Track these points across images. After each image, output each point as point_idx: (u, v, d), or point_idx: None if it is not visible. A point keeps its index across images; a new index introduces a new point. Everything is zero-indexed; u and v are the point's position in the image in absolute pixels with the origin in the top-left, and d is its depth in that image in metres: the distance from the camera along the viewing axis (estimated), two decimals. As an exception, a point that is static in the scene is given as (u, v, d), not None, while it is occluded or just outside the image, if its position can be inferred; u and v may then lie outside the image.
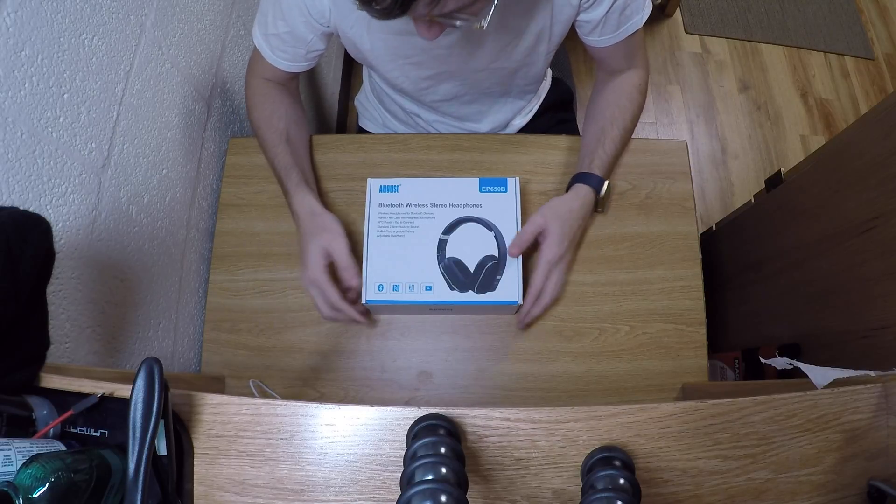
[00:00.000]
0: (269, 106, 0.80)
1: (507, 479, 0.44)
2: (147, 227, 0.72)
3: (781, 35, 1.96)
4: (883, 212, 0.75)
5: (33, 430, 0.41)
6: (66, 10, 0.54)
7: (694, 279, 0.81)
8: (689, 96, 1.88)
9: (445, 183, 0.73)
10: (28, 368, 0.43)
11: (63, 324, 0.57)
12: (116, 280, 0.66)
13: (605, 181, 0.77)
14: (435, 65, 0.77)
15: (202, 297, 0.85)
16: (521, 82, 0.86)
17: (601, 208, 0.80)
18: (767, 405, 0.45)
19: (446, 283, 0.69)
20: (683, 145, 0.87)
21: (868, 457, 0.45)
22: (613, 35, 0.74)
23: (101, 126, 0.62)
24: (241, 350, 0.79)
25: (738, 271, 1.17)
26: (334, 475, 0.44)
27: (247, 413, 0.45)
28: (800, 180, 0.96)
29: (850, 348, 0.82)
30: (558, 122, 1.04)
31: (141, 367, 0.37)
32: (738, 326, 1.16)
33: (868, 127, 0.79)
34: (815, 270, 0.91)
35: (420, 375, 0.78)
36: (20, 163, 0.50)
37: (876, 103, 0.90)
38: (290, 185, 0.75)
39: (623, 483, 0.38)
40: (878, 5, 2.05)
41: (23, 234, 0.39)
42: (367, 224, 0.71)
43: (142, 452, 0.36)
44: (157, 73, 0.72)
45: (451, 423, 0.43)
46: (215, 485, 0.45)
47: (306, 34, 0.74)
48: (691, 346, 0.78)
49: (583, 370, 0.78)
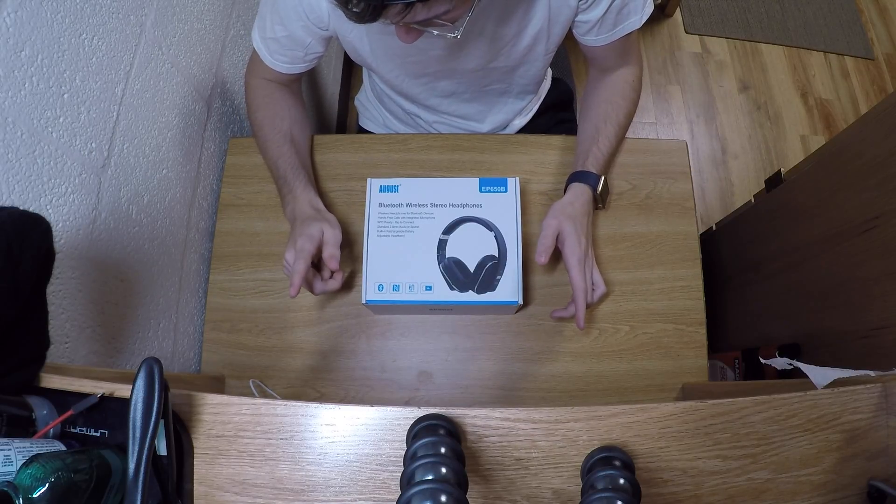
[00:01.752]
0: (273, 106, 0.80)
1: (507, 479, 0.44)
2: (147, 227, 0.71)
3: (781, 35, 1.96)
4: (883, 212, 0.75)
5: (33, 430, 0.41)
6: (66, 10, 0.54)
7: (694, 279, 0.81)
8: (689, 96, 1.88)
9: (445, 183, 0.73)
10: (28, 368, 0.43)
11: (63, 324, 0.57)
12: (116, 280, 0.66)
13: (601, 178, 0.77)
14: (432, 64, 0.77)
15: (202, 297, 0.85)
16: (520, 81, 0.86)
17: (601, 205, 0.80)
18: (767, 405, 0.45)
19: (446, 283, 0.69)
20: (683, 145, 0.87)
21: (868, 457, 0.45)
22: (609, 34, 0.74)
23: (101, 126, 0.62)
24: (241, 350, 0.79)
25: (738, 271, 1.17)
26: (334, 475, 0.44)
27: (247, 413, 0.45)
28: (800, 180, 0.96)
29: (850, 348, 0.82)
30: (558, 122, 1.04)
31: (141, 367, 0.37)
32: (738, 326, 1.16)
33: (868, 127, 0.79)
34: (815, 270, 0.91)
35: (420, 375, 0.78)
36: (20, 163, 0.50)
37: (876, 103, 0.90)
38: (296, 185, 0.75)
39: (623, 483, 0.38)
40: (878, 5, 2.05)
41: (23, 234, 0.39)
42: (367, 224, 0.71)
43: (142, 452, 0.36)
44: (157, 73, 0.72)
45: (451, 423, 0.43)
46: (215, 485, 0.45)
47: (305, 38, 0.74)
48: (691, 346, 0.78)
49: (583, 370, 0.78)
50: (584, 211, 0.75)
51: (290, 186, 0.75)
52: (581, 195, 0.75)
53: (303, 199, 0.74)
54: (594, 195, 0.77)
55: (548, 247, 0.71)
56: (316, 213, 0.73)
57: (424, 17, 0.52)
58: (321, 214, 0.73)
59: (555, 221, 0.72)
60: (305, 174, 0.77)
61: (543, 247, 0.71)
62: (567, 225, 0.72)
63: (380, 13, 0.49)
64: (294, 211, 0.74)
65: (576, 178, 0.77)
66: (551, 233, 0.72)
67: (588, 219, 0.75)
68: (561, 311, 0.76)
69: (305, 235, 0.68)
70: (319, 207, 0.74)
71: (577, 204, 0.74)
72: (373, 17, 0.49)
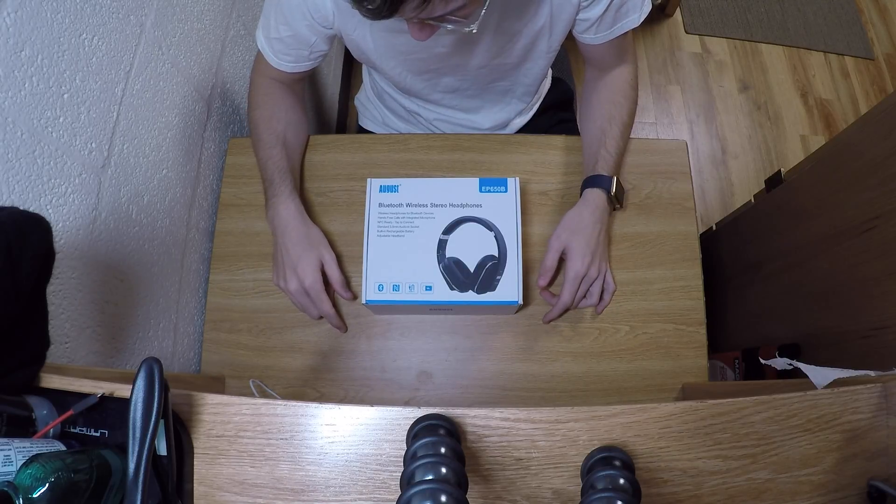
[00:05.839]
0: (271, 106, 0.80)
1: (507, 479, 0.44)
2: (147, 227, 0.71)
3: (781, 35, 1.96)
4: (883, 212, 0.75)
5: (33, 430, 0.41)
6: (66, 10, 0.54)
7: (694, 279, 0.81)
8: (689, 96, 1.87)
9: (445, 183, 0.73)
10: (28, 368, 0.43)
11: (63, 324, 0.57)
12: (116, 280, 0.66)
13: (613, 179, 0.77)
14: (436, 61, 0.77)
15: (202, 297, 0.85)
16: (524, 80, 0.86)
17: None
18: (767, 405, 0.45)
19: (446, 283, 0.69)
20: (683, 145, 0.87)
21: (868, 457, 0.45)
22: (608, 32, 0.75)
23: (101, 126, 0.61)
24: (241, 350, 0.79)
25: (738, 271, 1.17)
26: (334, 475, 0.44)
27: (247, 413, 0.45)
28: (800, 180, 0.96)
29: (850, 348, 0.82)
30: (558, 122, 1.04)
31: (141, 367, 0.37)
32: (738, 326, 1.16)
33: (868, 127, 0.79)
34: (814, 270, 0.91)
35: (420, 375, 0.78)
36: (20, 163, 0.50)
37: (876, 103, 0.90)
38: (282, 189, 0.76)
39: (623, 483, 0.38)
40: (878, 5, 2.05)
41: (23, 234, 0.39)
42: (367, 224, 0.71)
43: (142, 452, 0.36)
44: (157, 73, 0.72)
45: (451, 423, 0.43)
46: (215, 485, 0.45)
47: (309, 37, 0.74)
48: (691, 346, 0.78)
49: (583, 370, 0.78)
50: (594, 220, 0.75)
51: (275, 189, 0.76)
52: (592, 202, 0.76)
53: (289, 206, 0.75)
54: (608, 197, 0.77)
55: (549, 269, 0.75)
56: (304, 229, 0.75)
57: (441, 12, 0.51)
58: (312, 233, 0.76)
59: (558, 243, 0.75)
60: (292, 179, 0.78)
61: (545, 269, 0.75)
62: (572, 240, 0.74)
63: (397, 8, 0.48)
64: (279, 217, 0.75)
65: (588, 183, 0.77)
66: (553, 255, 0.75)
67: (600, 226, 0.76)
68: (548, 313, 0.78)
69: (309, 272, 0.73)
70: (305, 220, 0.76)
71: (586, 213, 0.75)
72: (390, 12, 0.48)
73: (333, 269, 0.75)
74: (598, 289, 0.76)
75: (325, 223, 0.82)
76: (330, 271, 0.75)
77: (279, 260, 0.75)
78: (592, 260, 0.74)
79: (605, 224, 0.77)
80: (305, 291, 0.73)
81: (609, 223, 0.79)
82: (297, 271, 0.73)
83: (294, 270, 0.73)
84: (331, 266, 0.75)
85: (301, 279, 0.73)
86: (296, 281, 0.73)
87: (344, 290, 0.76)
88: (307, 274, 0.73)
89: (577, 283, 0.74)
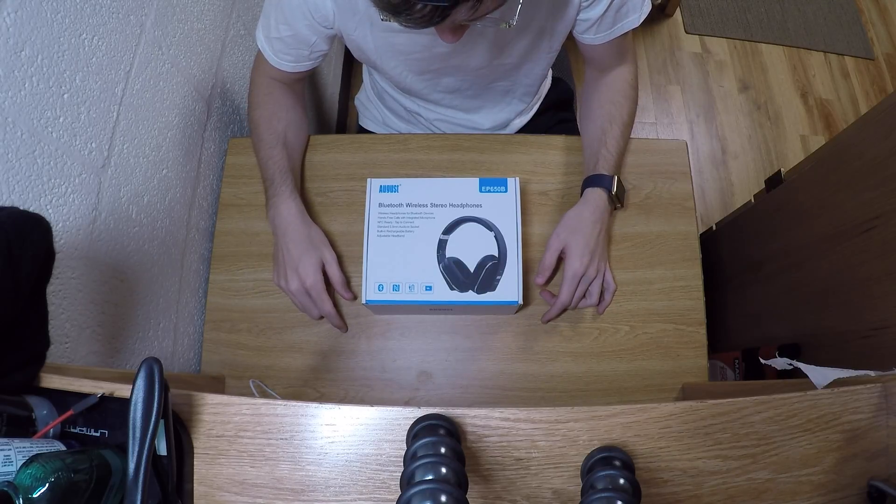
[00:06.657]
0: (272, 106, 0.80)
1: (507, 479, 0.44)
2: (147, 227, 0.72)
3: (781, 35, 1.96)
4: (883, 212, 0.75)
5: (33, 430, 0.41)
6: (66, 10, 0.54)
7: (694, 279, 0.81)
8: (689, 96, 1.87)
9: (445, 183, 0.73)
10: (28, 368, 0.43)
11: (63, 324, 0.57)
12: (116, 280, 0.66)
13: (614, 178, 0.77)
14: (436, 61, 0.77)
15: (202, 297, 0.85)
16: (525, 81, 0.86)
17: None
18: (767, 405, 0.45)
19: (446, 283, 0.69)
20: (683, 145, 0.87)
21: (868, 457, 0.45)
22: (608, 33, 0.75)
23: (101, 126, 0.61)
24: (241, 350, 0.79)
25: (738, 271, 1.17)
26: (334, 475, 0.44)
27: (247, 413, 0.45)
28: (800, 180, 0.96)
29: (850, 348, 0.82)
30: (558, 122, 1.04)
31: (141, 367, 0.37)
32: (738, 326, 1.16)
33: (868, 127, 0.79)
34: (815, 270, 0.91)
35: (420, 375, 0.78)
36: (20, 163, 0.50)
37: (876, 103, 0.90)
38: (283, 189, 0.76)
39: (623, 483, 0.38)
40: (878, 5, 2.05)
41: (23, 234, 0.39)
42: (367, 224, 0.71)
43: (142, 452, 0.36)
44: (157, 73, 0.72)
45: (451, 423, 0.43)
46: (215, 485, 0.45)
47: (310, 37, 0.74)
48: (691, 346, 0.78)
49: (583, 370, 0.78)
50: (594, 219, 0.75)
51: (276, 189, 0.76)
52: (593, 201, 0.76)
53: (290, 206, 0.75)
54: (609, 196, 0.77)
55: (547, 268, 0.75)
56: (305, 230, 0.75)
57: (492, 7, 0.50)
58: (313, 234, 0.76)
59: (557, 242, 0.75)
60: (293, 179, 0.78)
61: (543, 267, 0.76)
62: (571, 239, 0.74)
63: (449, 13, 0.47)
64: (280, 217, 0.75)
65: (589, 183, 0.77)
66: (552, 253, 0.75)
67: (600, 226, 0.76)
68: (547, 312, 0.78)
69: (310, 272, 0.73)
70: (306, 220, 0.77)
71: (587, 213, 0.75)
72: (442, 17, 0.47)
73: (334, 269, 0.75)
74: (597, 288, 0.76)
75: (326, 223, 0.82)
76: (331, 271, 0.75)
77: (280, 260, 0.75)
78: (591, 259, 0.74)
79: (604, 224, 0.77)
80: (306, 291, 0.73)
81: (609, 223, 0.79)
82: (299, 271, 0.73)
83: (295, 270, 0.73)
84: (332, 266, 0.75)
85: (302, 279, 0.73)
86: (297, 281, 0.73)
87: (345, 290, 0.76)
88: (308, 274, 0.73)
89: (575, 282, 0.74)
